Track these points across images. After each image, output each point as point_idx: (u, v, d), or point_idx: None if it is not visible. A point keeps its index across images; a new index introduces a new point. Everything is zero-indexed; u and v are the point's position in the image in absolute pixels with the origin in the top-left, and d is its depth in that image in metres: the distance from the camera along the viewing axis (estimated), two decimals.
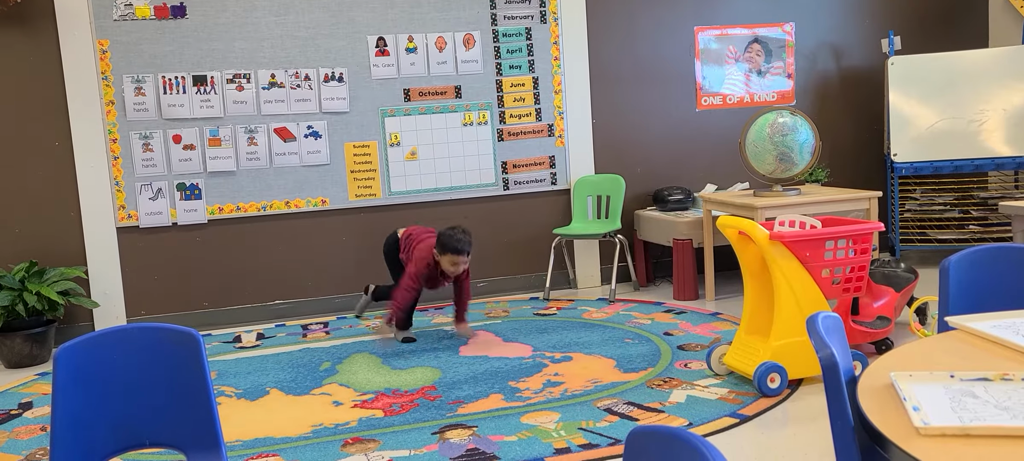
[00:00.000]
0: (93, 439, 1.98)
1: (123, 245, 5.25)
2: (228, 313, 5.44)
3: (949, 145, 5.76)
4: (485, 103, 5.70)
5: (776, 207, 4.71)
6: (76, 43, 5.07)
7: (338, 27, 5.43)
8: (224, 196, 5.36)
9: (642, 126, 6.02)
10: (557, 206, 5.92)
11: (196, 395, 2.01)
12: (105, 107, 5.15)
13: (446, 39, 5.60)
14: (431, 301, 5.66)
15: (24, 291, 4.68)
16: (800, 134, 4.77)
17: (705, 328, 4.62)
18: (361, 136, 5.53)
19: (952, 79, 5.77)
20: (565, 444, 3.10)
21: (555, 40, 5.79)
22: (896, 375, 1.61)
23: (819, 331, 1.69)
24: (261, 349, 4.75)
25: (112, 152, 5.20)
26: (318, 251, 5.56)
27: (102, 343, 2.01)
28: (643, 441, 1.28)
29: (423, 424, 3.39)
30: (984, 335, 1.85)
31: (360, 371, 4.18)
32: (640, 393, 3.61)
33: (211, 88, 5.28)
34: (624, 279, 5.90)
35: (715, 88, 6.12)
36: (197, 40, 5.25)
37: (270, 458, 3.14)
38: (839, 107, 6.35)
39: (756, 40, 6.16)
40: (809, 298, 3.50)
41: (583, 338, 4.53)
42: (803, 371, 3.55)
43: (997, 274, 2.27)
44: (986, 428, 1.38)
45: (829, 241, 3.53)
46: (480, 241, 5.80)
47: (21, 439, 3.53)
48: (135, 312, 5.30)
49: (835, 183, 6.12)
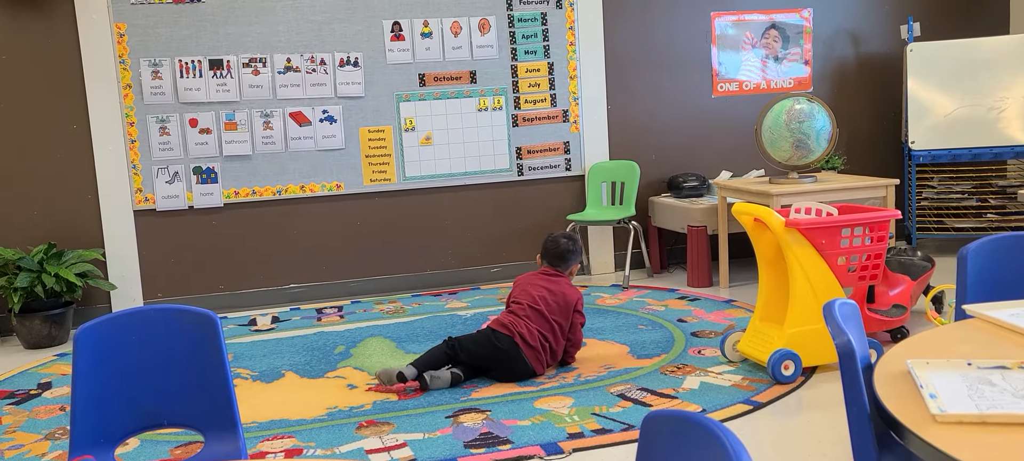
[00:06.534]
0: (112, 419, 2.00)
1: (140, 228, 5.29)
2: (243, 296, 5.48)
3: (967, 133, 5.71)
4: (500, 88, 5.70)
5: (792, 194, 4.69)
6: (94, 27, 5.09)
7: (354, 12, 5.43)
8: (240, 180, 5.39)
9: (657, 112, 6.00)
10: (571, 192, 5.91)
11: (213, 377, 2.02)
12: (122, 91, 5.18)
13: (461, 24, 5.59)
14: (445, 286, 5.67)
15: (43, 273, 4.73)
16: (817, 121, 4.74)
17: (719, 315, 4.62)
18: (376, 121, 5.54)
19: (971, 66, 5.72)
20: (578, 429, 3.11)
21: (570, 25, 5.76)
22: (913, 362, 1.61)
23: (836, 318, 1.68)
24: (276, 332, 4.78)
25: (129, 135, 5.23)
26: (333, 235, 5.58)
27: (121, 324, 2.03)
28: (659, 425, 1.28)
29: (437, 408, 3.40)
30: (1002, 323, 1.84)
31: (374, 355, 4.20)
32: (654, 379, 3.61)
33: (227, 72, 5.30)
34: (638, 265, 5.89)
35: (731, 74, 6.09)
36: (213, 24, 5.26)
37: (285, 440, 3.16)
38: (856, 94, 6.30)
39: (773, 26, 6.11)
40: (824, 286, 3.49)
41: (597, 324, 4.54)
42: (817, 359, 3.54)
43: (1015, 263, 2.26)
44: (1003, 416, 1.38)
45: (845, 229, 3.51)
46: (494, 227, 5.81)
47: (40, 418, 3.57)
48: (152, 294, 5.35)
49: (852, 170, 6.08)
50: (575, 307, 3.75)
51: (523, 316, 3.67)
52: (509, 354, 3.61)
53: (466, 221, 5.76)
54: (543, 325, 3.66)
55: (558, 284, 3.78)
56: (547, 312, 3.68)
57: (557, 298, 3.72)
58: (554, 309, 3.70)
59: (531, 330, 3.63)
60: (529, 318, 3.66)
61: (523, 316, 3.67)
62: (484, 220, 5.78)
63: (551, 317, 3.68)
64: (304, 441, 3.14)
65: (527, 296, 3.73)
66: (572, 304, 3.73)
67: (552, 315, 3.69)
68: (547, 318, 3.67)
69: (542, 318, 3.67)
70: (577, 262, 3.95)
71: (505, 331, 3.65)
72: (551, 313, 3.68)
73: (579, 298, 3.78)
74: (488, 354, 3.65)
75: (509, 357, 3.62)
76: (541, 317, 3.67)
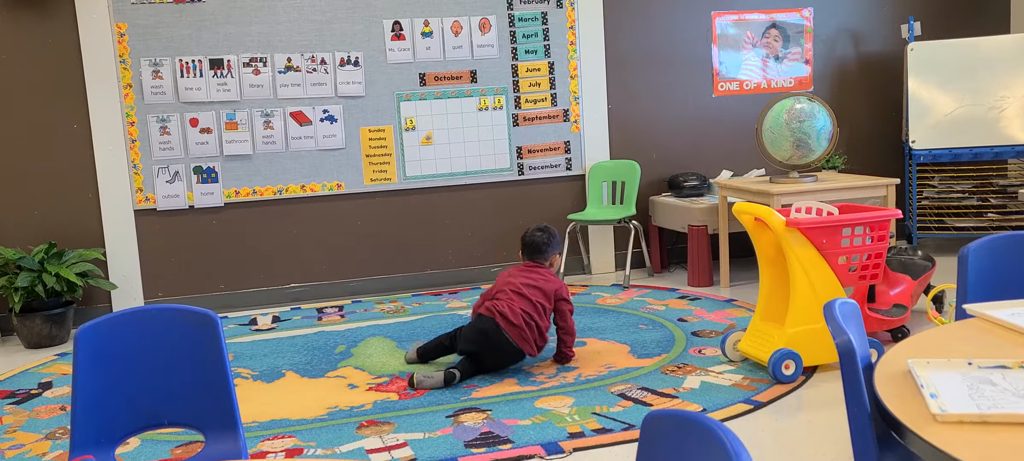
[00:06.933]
0: (113, 418, 2.00)
1: (140, 227, 5.29)
2: (244, 296, 5.48)
3: (968, 132, 5.71)
4: (500, 88, 5.70)
5: (792, 194, 4.69)
6: (94, 26, 5.09)
7: (354, 11, 5.43)
8: (240, 179, 5.39)
9: (658, 112, 6.00)
10: (572, 191, 5.91)
11: (214, 376, 2.02)
12: (123, 90, 5.18)
13: (462, 23, 5.59)
14: (445, 286, 5.67)
15: (43, 272, 4.73)
16: (817, 120, 4.74)
17: (719, 314, 4.61)
18: (376, 120, 5.54)
19: (972, 65, 5.71)
20: (579, 428, 3.11)
21: (571, 25, 5.76)
22: (913, 362, 1.61)
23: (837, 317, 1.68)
24: (277, 332, 4.78)
25: (130, 135, 5.23)
26: (333, 235, 5.58)
27: (122, 323, 2.03)
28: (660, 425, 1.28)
29: (437, 407, 3.40)
30: (1002, 323, 1.84)
31: (375, 354, 4.20)
32: (654, 379, 3.61)
33: (228, 72, 5.30)
34: (639, 265, 5.89)
35: (732, 73, 6.09)
36: (214, 23, 5.26)
37: (286, 439, 3.16)
38: (857, 93, 6.30)
39: (774, 25, 6.11)
40: (825, 285, 3.49)
41: (597, 323, 4.53)
42: (818, 358, 3.54)
43: (1016, 262, 2.26)
44: (1004, 415, 1.38)
45: (846, 228, 3.51)
46: (494, 226, 5.81)
47: (41, 418, 3.57)
48: (152, 294, 5.35)
49: (852, 170, 6.08)
50: (559, 295, 3.81)
51: (505, 299, 3.75)
52: (490, 335, 3.67)
53: (467, 221, 5.76)
54: (525, 304, 3.72)
55: (539, 272, 3.86)
56: (529, 294, 3.74)
57: (538, 283, 3.79)
58: (536, 293, 3.76)
59: (513, 309, 3.70)
60: (511, 299, 3.74)
61: (505, 299, 3.75)
62: (484, 220, 5.78)
63: (533, 297, 3.75)
64: (304, 441, 3.14)
65: (509, 285, 3.80)
66: (553, 289, 3.80)
67: (535, 297, 3.75)
68: (529, 298, 3.74)
69: (524, 298, 3.74)
70: (556, 252, 3.99)
71: (488, 313, 3.72)
72: (533, 295, 3.75)
73: (561, 286, 3.84)
74: (474, 338, 3.72)
75: (491, 339, 3.67)
76: (523, 297, 3.74)
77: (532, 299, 3.74)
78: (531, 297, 3.74)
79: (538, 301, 3.75)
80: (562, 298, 3.82)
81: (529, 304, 3.72)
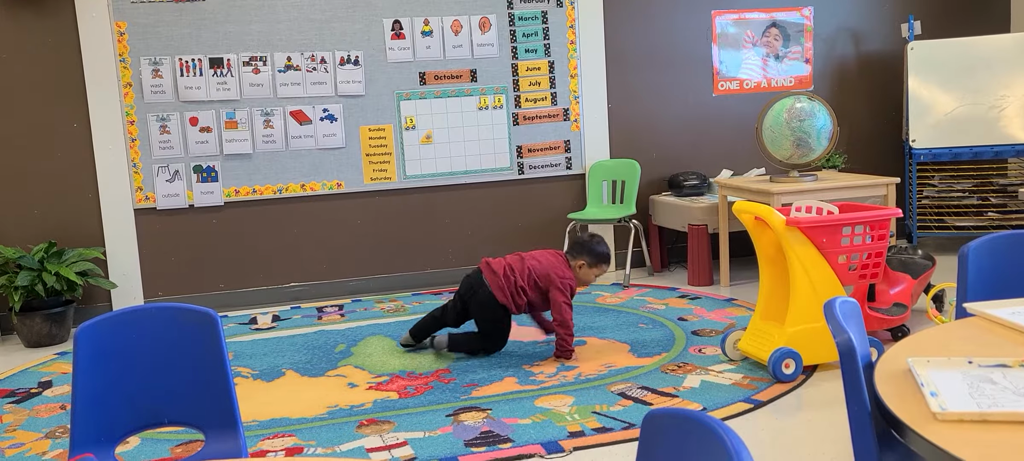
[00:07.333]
0: (113, 417, 2.00)
1: (140, 226, 5.29)
2: (244, 295, 5.48)
3: (968, 131, 5.71)
4: (500, 87, 5.69)
5: (793, 193, 4.69)
6: (94, 25, 5.09)
7: (354, 10, 5.43)
8: (240, 179, 5.39)
9: (658, 111, 6.00)
10: (572, 190, 5.91)
11: (214, 375, 2.02)
12: (123, 89, 5.18)
13: (462, 22, 5.59)
14: (445, 285, 5.67)
15: (43, 271, 4.73)
16: (817, 119, 4.74)
17: (720, 314, 4.61)
18: (376, 119, 5.54)
19: (972, 64, 5.71)
20: (579, 427, 3.11)
21: (571, 24, 5.76)
22: (913, 361, 1.61)
23: (837, 316, 1.68)
24: (277, 331, 4.78)
25: (130, 134, 5.23)
26: (333, 234, 5.58)
27: (122, 322, 2.03)
28: (660, 424, 1.28)
29: (438, 406, 3.40)
30: (1003, 321, 1.84)
31: (375, 354, 4.20)
32: (654, 378, 3.61)
33: (228, 71, 5.30)
34: (639, 264, 5.89)
35: (732, 73, 6.09)
36: (214, 22, 5.26)
37: (286, 438, 3.16)
38: (857, 92, 6.30)
39: (774, 24, 6.11)
40: (825, 284, 3.49)
41: (597, 322, 4.53)
42: (818, 357, 3.54)
43: (1016, 261, 2.25)
44: (1004, 414, 1.38)
45: (846, 227, 3.51)
46: (494, 225, 5.81)
47: (41, 417, 3.57)
48: (152, 293, 5.35)
49: (852, 169, 6.08)
50: (554, 282, 3.88)
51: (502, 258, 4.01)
52: (472, 277, 3.98)
53: (466, 220, 5.76)
54: (516, 265, 3.92)
55: (556, 258, 3.98)
56: (528, 262, 3.93)
57: (543, 261, 3.94)
58: (535, 264, 3.92)
59: (500, 263, 3.94)
60: (507, 259, 3.98)
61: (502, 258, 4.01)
62: (484, 219, 5.78)
63: (528, 265, 3.92)
64: (305, 440, 3.14)
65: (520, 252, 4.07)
66: (552, 273, 3.88)
67: (530, 265, 3.92)
68: (525, 264, 3.92)
69: (520, 261, 3.94)
70: (585, 258, 4.01)
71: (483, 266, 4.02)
72: (530, 264, 3.92)
73: (563, 276, 3.90)
74: (462, 282, 4.04)
75: (471, 280, 3.97)
76: (520, 261, 3.95)
77: (527, 266, 3.92)
78: (527, 264, 3.92)
79: (531, 269, 3.91)
80: (556, 287, 3.87)
81: (520, 267, 3.92)
